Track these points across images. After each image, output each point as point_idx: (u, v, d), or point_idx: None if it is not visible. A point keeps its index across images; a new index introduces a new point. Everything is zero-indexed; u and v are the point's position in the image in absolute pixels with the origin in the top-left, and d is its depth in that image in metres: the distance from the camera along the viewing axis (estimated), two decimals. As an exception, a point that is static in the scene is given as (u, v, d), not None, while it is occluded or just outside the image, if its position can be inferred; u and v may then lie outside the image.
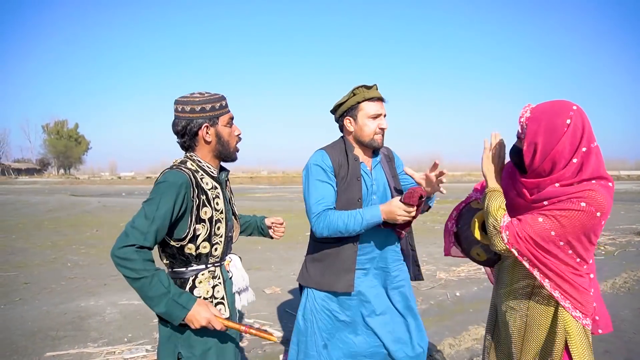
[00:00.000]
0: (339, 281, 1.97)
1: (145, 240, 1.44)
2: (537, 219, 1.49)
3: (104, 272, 6.19)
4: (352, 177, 1.96)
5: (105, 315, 4.31)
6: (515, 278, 1.72)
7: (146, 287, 1.43)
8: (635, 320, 4.13)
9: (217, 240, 1.63)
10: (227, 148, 1.67)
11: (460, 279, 5.73)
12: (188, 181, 1.54)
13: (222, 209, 1.65)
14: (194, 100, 1.60)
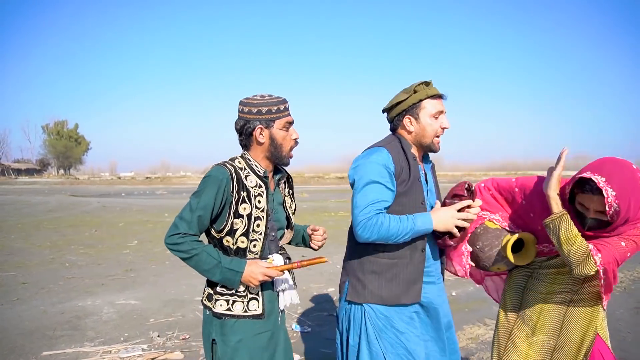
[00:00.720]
0: (407, 293, 1.81)
1: (190, 229, 1.60)
2: (620, 244, 1.67)
3: (102, 272, 6.21)
4: (414, 178, 1.81)
5: (102, 314, 4.33)
6: (555, 287, 1.88)
7: (200, 262, 1.61)
8: (630, 319, 4.15)
9: (256, 237, 1.68)
10: (280, 151, 1.72)
11: (457, 278, 5.74)
12: (229, 177, 1.63)
13: (264, 207, 1.69)
14: (253, 102, 1.68)
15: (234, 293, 1.67)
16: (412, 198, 1.81)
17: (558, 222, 1.67)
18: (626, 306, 4.52)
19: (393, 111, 1.89)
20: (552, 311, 1.89)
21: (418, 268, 1.83)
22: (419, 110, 1.83)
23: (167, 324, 4.07)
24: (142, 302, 4.75)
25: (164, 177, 73.62)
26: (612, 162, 1.66)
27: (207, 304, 1.71)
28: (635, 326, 3.96)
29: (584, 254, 1.64)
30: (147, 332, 3.82)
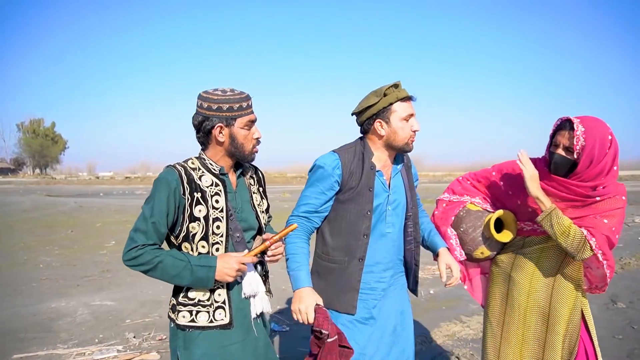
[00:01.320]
0: (340, 300, 1.82)
1: (148, 238, 1.48)
2: (603, 221, 1.82)
3: (77, 273, 6.08)
4: (363, 187, 1.81)
5: (76, 316, 4.24)
6: (540, 266, 1.97)
7: (166, 269, 1.49)
8: (600, 315, 4.26)
9: (217, 240, 1.57)
10: (241, 150, 1.61)
11: (435, 277, 5.82)
12: (178, 178, 1.53)
13: (223, 207, 1.58)
14: (213, 97, 1.57)
15: (198, 302, 1.56)
16: (357, 206, 1.82)
17: (549, 219, 1.82)
18: (597, 302, 4.65)
19: (363, 115, 1.85)
20: (540, 290, 1.96)
21: (353, 276, 1.82)
22: (389, 114, 1.80)
23: (143, 324, 4.01)
24: (118, 303, 4.67)
25: (144, 177, 72.40)
26: (592, 117, 1.87)
27: (172, 315, 1.60)
28: (606, 322, 4.08)
29: (580, 241, 1.79)
30: (123, 333, 3.76)
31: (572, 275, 1.93)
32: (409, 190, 1.94)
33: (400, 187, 1.91)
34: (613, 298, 4.80)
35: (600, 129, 1.81)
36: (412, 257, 1.97)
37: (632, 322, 4.06)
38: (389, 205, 1.86)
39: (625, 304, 4.58)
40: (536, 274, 1.97)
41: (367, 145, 1.87)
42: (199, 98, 1.60)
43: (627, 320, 4.11)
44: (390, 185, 1.88)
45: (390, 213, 1.86)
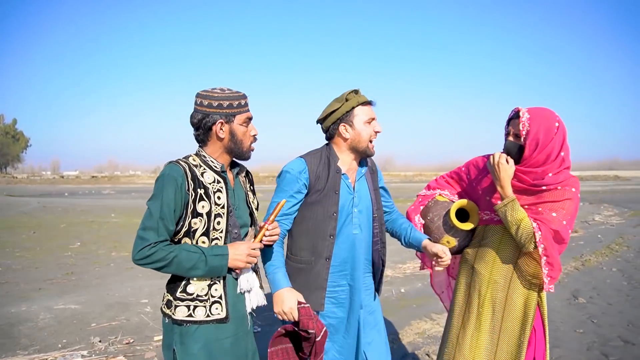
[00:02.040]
0: (308, 299, 1.83)
1: (159, 235, 1.51)
2: (552, 214, 1.89)
3: (39, 276, 5.85)
4: (329, 189, 1.89)
5: (38, 320, 4.07)
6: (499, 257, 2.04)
7: (181, 263, 1.52)
8: (562, 310, 4.43)
9: (217, 236, 1.62)
10: (240, 147, 1.67)
11: (406, 276, 5.91)
12: (184, 174, 1.56)
13: (224, 203, 1.63)
14: (213, 95, 1.62)
15: (196, 297, 1.59)
16: (323, 208, 1.90)
17: (505, 209, 1.93)
18: (560, 298, 4.83)
19: (327, 120, 1.96)
20: (499, 280, 2.03)
21: (320, 276, 1.89)
22: (352, 117, 1.92)
23: (109, 328, 3.89)
24: (82, 306, 4.51)
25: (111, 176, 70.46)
26: (540, 107, 1.97)
27: (167, 311, 1.61)
28: (568, 317, 4.23)
29: (528, 234, 1.88)
30: (88, 338, 3.63)
31: (529, 266, 1.98)
32: (374, 193, 2.03)
33: (364, 190, 2.00)
34: (574, 294, 5.00)
35: (545, 116, 1.91)
36: (379, 258, 2.04)
37: (591, 316, 4.23)
38: (355, 208, 1.94)
39: (586, 299, 4.78)
40: (496, 264, 2.04)
41: (333, 150, 1.97)
42: (199, 96, 1.64)
43: (587, 315, 4.28)
44: (355, 187, 1.96)
45: (356, 215, 1.94)
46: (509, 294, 2.02)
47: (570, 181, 1.93)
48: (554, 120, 1.92)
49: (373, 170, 2.08)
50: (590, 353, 3.39)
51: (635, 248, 7.72)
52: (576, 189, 1.94)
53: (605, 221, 11.98)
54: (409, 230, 2.13)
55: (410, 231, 2.13)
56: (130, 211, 15.10)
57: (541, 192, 1.94)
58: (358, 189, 1.97)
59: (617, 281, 5.55)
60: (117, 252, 7.52)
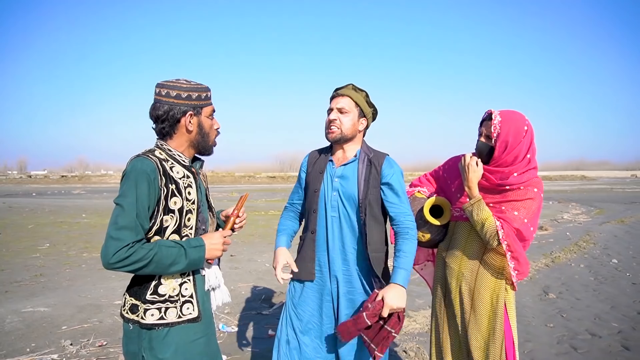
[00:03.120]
0: (302, 269, 2.08)
1: (137, 234, 1.41)
2: (514, 213, 1.99)
3: (6, 279, 5.62)
4: (316, 171, 2.13)
5: (5, 324, 3.91)
6: (467, 252, 2.14)
7: (162, 260, 1.44)
8: (534, 306, 4.56)
9: (187, 233, 1.55)
10: (207, 140, 1.63)
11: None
12: (155, 168, 1.47)
13: (194, 199, 1.57)
14: (181, 86, 1.55)
15: (167, 299, 1.51)
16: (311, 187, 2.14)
17: (472, 208, 2.04)
18: (531, 294, 4.97)
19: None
20: (467, 274, 2.12)
21: (309, 247, 2.09)
22: None
23: (81, 330, 3.77)
24: (52, 308, 4.36)
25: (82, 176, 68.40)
26: (511, 110, 2.06)
27: (131, 316, 1.50)
28: (539, 312, 4.36)
29: (492, 232, 1.98)
30: (58, 341, 3.51)
31: (495, 260, 2.07)
32: (363, 183, 2.01)
33: (351, 177, 2.04)
34: (545, 289, 5.15)
35: (515, 119, 2.01)
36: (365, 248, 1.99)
37: (561, 311, 4.36)
38: (334, 191, 2.05)
39: (556, 295, 4.93)
40: (464, 258, 2.14)
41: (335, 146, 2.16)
42: (163, 87, 1.55)
43: (557, 309, 4.42)
44: (337, 172, 2.07)
45: (335, 198, 2.05)
46: (476, 287, 2.11)
47: (533, 182, 2.03)
48: (524, 124, 2.01)
49: (372, 163, 2.05)
50: (560, 346, 3.49)
51: (601, 245, 8.02)
52: (538, 189, 2.03)
53: (573, 219, 12.41)
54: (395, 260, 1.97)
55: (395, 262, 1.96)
56: (102, 211, 14.70)
57: (505, 192, 2.04)
58: (341, 174, 2.06)
59: (584, 277, 5.75)
60: (88, 253, 7.31)
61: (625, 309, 4.38)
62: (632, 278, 5.64)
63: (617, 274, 5.87)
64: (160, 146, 1.59)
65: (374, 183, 2.04)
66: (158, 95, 1.55)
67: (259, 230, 10.21)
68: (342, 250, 2.05)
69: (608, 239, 8.69)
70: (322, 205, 2.06)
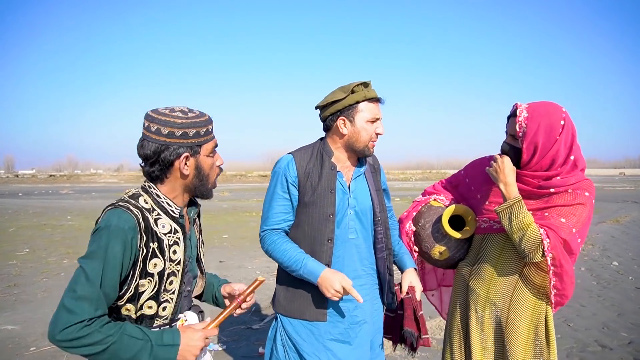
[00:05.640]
0: (310, 309, 1.75)
1: (97, 309, 1.14)
2: (560, 220, 1.63)
3: (-23, 290, 5.28)
4: (324, 189, 1.72)
5: (-33, 345, 3.59)
6: (499, 272, 1.78)
7: (119, 351, 1.15)
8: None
9: (167, 298, 1.29)
10: (206, 183, 1.35)
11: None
12: (136, 225, 1.21)
13: (180, 259, 1.31)
14: (176, 122, 1.25)
15: None
16: (319, 209, 1.73)
17: (509, 210, 1.64)
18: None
19: (326, 110, 1.75)
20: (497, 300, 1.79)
21: None
22: (354, 112, 1.72)
23: (51, 352, 3.45)
24: (22, 326, 4.02)
25: (71, 175, 67.52)
26: (544, 101, 1.73)
27: None
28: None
29: (535, 241, 1.60)
30: (26, 363, 3.21)
31: (535, 278, 1.72)
32: (375, 194, 1.83)
33: (363, 191, 1.81)
34: (548, 296, 4.94)
35: (547, 112, 1.67)
36: (384, 266, 1.84)
37: (567, 319, 4.16)
38: (350, 209, 1.76)
39: (560, 302, 4.72)
40: (494, 282, 1.79)
41: (327, 144, 1.79)
42: (153, 121, 1.26)
43: (562, 317, 4.22)
44: (351, 187, 1.78)
45: (352, 217, 1.76)
46: (509, 318, 1.77)
47: (584, 184, 1.69)
48: (558, 118, 1.66)
49: (375, 169, 1.89)
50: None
51: (599, 246, 7.87)
52: (590, 193, 1.69)
53: (568, 218, 12.29)
54: (397, 249, 1.94)
55: (399, 251, 1.95)
56: (89, 213, 14.30)
57: (549, 196, 1.70)
58: (354, 188, 1.79)
59: (586, 281, 5.57)
60: (69, 260, 6.97)
61: (633, 316, 4.21)
62: (635, 282, 5.49)
63: (619, 278, 5.70)
64: (148, 190, 1.31)
65: (379, 189, 1.89)
66: (147, 131, 1.27)
67: (250, 233, 9.90)
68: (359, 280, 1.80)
69: (606, 239, 8.56)
70: (340, 232, 1.75)
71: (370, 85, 1.75)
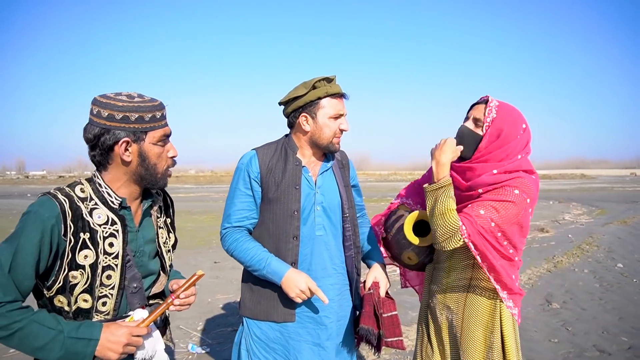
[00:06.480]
0: (277, 310, 1.70)
1: (6, 295, 1.10)
2: (479, 211, 1.53)
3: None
4: (288, 184, 1.68)
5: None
6: (452, 276, 1.74)
7: (27, 339, 1.11)
8: (536, 317, 4.22)
9: (106, 293, 1.23)
10: (153, 173, 1.28)
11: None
12: (59, 214, 1.16)
13: (117, 252, 1.24)
14: (117, 104, 1.22)
15: None
16: (283, 206, 1.68)
17: (436, 193, 1.57)
18: (533, 303, 4.63)
19: (289, 106, 1.71)
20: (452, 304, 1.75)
21: None
22: (316, 109, 1.68)
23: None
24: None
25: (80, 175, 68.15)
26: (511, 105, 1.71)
27: None
28: (542, 324, 4.02)
29: (452, 228, 1.51)
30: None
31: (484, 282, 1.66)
32: (344, 189, 1.78)
33: (331, 186, 1.76)
34: (548, 298, 4.81)
35: (515, 111, 1.67)
36: (352, 265, 1.79)
37: (566, 323, 4.04)
38: (317, 205, 1.72)
39: (560, 304, 4.59)
40: (448, 286, 1.75)
41: (292, 140, 1.76)
42: (95, 104, 1.24)
43: (561, 321, 4.09)
44: (318, 182, 1.74)
45: (319, 214, 1.72)
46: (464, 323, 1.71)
47: (517, 182, 1.55)
48: (522, 121, 1.67)
49: (343, 164, 1.84)
50: (566, 366, 3.17)
51: (604, 248, 7.69)
52: (523, 191, 1.54)
53: (574, 220, 12.08)
54: (366, 245, 1.88)
55: (368, 246, 1.88)
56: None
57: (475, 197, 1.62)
58: (321, 184, 1.74)
59: (589, 283, 5.42)
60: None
61: (634, 320, 4.07)
62: (639, 284, 5.32)
63: (623, 280, 5.55)
64: (93, 179, 1.28)
65: (347, 185, 1.84)
66: (90, 114, 1.24)
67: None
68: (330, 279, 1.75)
69: (612, 241, 8.37)
70: (306, 229, 1.70)
71: (335, 81, 1.70)
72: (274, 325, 1.70)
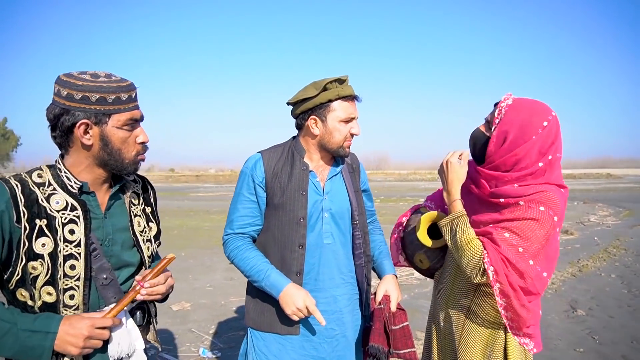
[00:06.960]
0: (282, 322, 1.62)
1: None
2: (504, 235, 1.40)
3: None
4: (294, 190, 1.61)
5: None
6: (455, 288, 1.63)
7: None
8: (560, 324, 4.05)
9: (71, 284, 1.16)
10: (118, 159, 1.21)
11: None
12: (9, 200, 1.11)
13: (80, 240, 1.17)
14: (77, 83, 1.15)
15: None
16: (289, 213, 1.60)
17: (451, 225, 1.47)
18: (556, 309, 4.45)
19: (297, 108, 1.63)
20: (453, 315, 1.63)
21: None
22: (327, 112, 1.60)
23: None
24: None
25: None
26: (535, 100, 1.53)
27: None
28: (566, 332, 3.86)
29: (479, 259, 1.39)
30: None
31: (485, 301, 1.51)
32: (353, 195, 1.70)
33: (340, 192, 1.68)
34: (572, 304, 4.62)
35: (530, 109, 1.46)
36: (362, 274, 1.72)
37: (592, 331, 3.86)
38: (325, 212, 1.64)
39: (585, 311, 4.40)
40: (451, 296, 1.63)
41: (299, 143, 1.69)
42: (57, 82, 1.17)
43: (587, 329, 3.92)
44: (326, 188, 1.66)
45: (327, 221, 1.64)
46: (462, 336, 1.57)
47: (542, 196, 1.39)
48: (542, 118, 1.43)
49: (353, 168, 1.76)
50: (592, 379, 3.01)
51: (633, 251, 7.39)
52: (549, 207, 1.38)
53: (600, 222, 11.67)
54: (379, 254, 1.81)
55: (380, 255, 1.81)
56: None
57: (500, 208, 1.48)
58: (330, 189, 1.67)
59: (616, 289, 5.20)
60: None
61: (667, 330, 3.85)
62: (671, 291, 5.07)
63: (653, 286, 5.29)
64: (55, 164, 1.23)
65: (357, 190, 1.76)
66: (53, 93, 1.18)
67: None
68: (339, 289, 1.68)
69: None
70: (313, 237, 1.62)
71: (347, 82, 1.61)
72: (277, 338, 1.63)
